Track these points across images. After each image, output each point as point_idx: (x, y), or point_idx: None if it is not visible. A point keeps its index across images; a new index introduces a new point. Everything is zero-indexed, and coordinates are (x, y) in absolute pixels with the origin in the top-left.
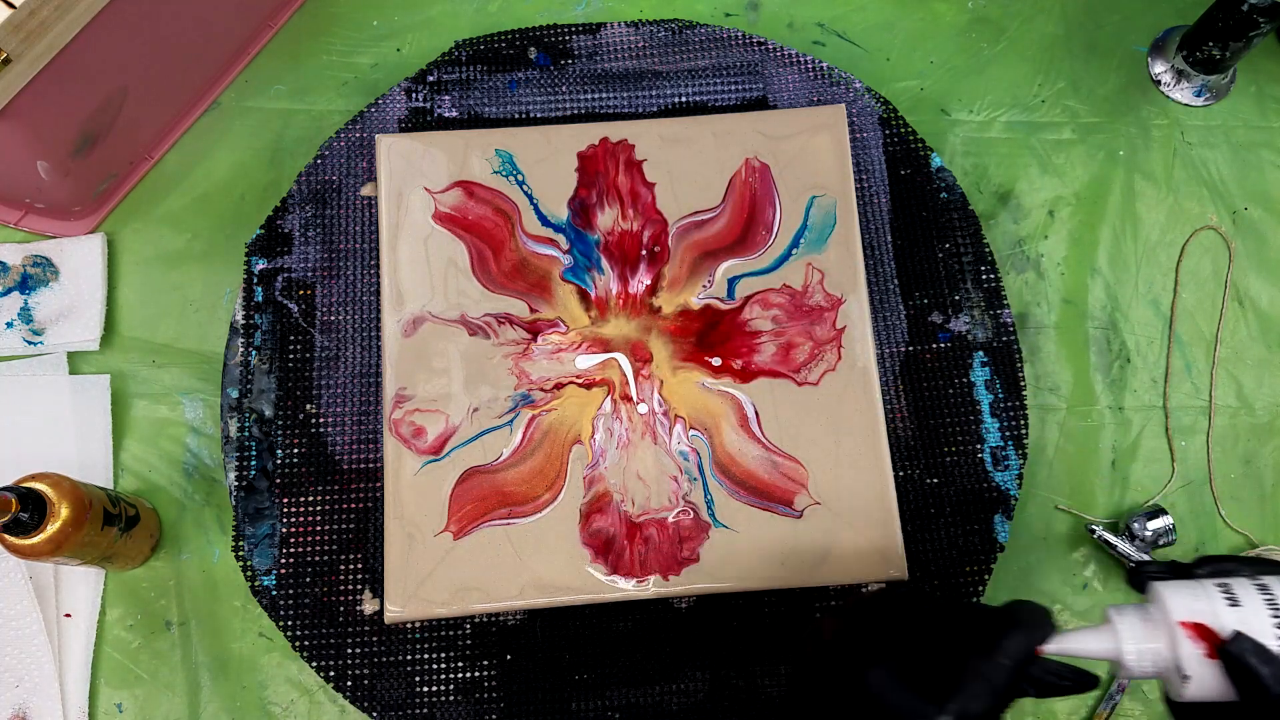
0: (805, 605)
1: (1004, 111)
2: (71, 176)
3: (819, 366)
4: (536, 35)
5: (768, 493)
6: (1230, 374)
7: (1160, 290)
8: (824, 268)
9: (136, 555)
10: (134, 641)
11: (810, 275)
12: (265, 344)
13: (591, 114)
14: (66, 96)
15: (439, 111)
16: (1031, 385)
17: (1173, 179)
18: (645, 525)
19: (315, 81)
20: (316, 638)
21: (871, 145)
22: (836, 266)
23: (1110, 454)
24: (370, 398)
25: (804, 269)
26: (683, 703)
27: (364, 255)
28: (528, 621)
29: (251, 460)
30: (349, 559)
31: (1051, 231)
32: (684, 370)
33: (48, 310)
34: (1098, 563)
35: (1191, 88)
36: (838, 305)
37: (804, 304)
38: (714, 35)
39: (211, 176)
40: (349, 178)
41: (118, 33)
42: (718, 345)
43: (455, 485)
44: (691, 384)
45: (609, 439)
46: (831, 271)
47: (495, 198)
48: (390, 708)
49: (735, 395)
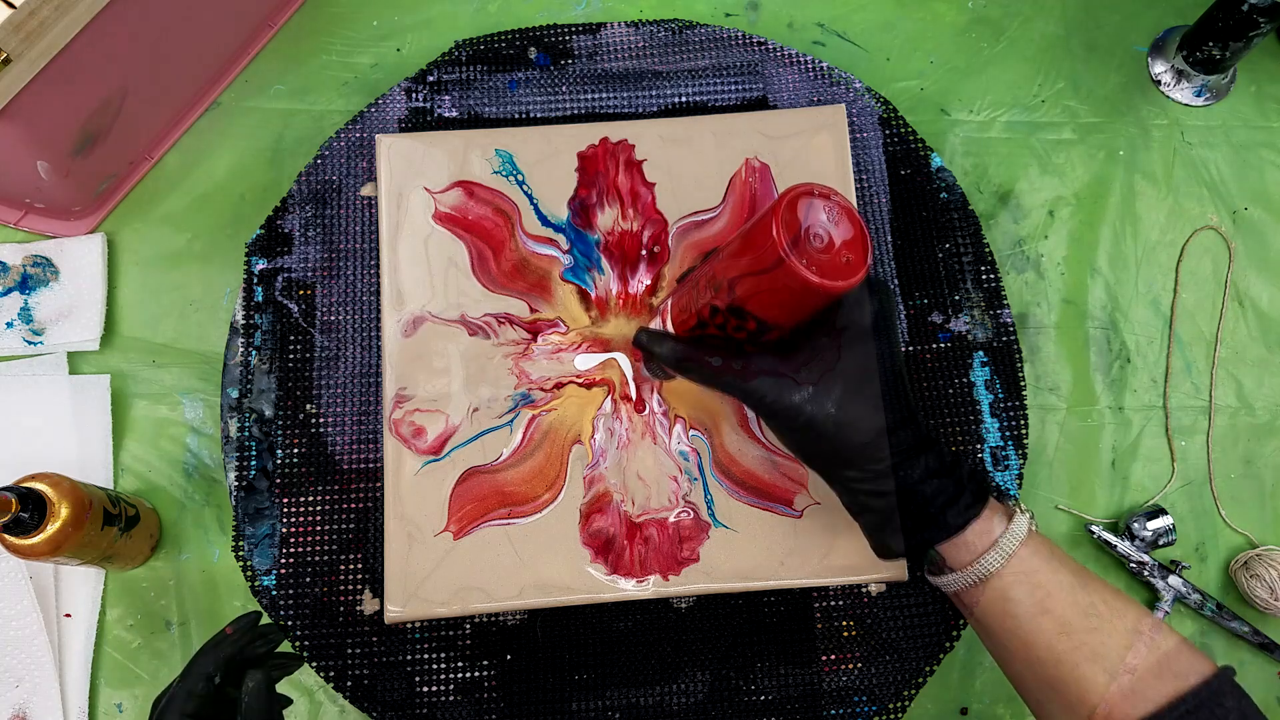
0: (805, 605)
1: (1004, 111)
2: (71, 176)
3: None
4: (536, 35)
5: (768, 492)
6: (1230, 374)
7: (1160, 290)
8: None
9: (136, 555)
10: (134, 641)
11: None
12: (265, 344)
13: (591, 114)
14: (66, 96)
15: (439, 111)
16: (1031, 385)
17: (1173, 179)
18: (645, 525)
19: (315, 81)
20: (316, 638)
21: (871, 145)
22: None
23: (1110, 454)
24: (370, 398)
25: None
26: (683, 703)
27: (364, 255)
28: (528, 621)
29: (251, 460)
30: (349, 559)
31: (1051, 231)
32: None
33: (48, 310)
34: (1097, 563)
35: (1191, 88)
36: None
37: None
38: (714, 35)
39: (211, 176)
40: (349, 178)
41: (118, 33)
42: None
43: (455, 485)
44: (692, 384)
45: (609, 439)
46: None
47: (495, 198)
48: (390, 708)
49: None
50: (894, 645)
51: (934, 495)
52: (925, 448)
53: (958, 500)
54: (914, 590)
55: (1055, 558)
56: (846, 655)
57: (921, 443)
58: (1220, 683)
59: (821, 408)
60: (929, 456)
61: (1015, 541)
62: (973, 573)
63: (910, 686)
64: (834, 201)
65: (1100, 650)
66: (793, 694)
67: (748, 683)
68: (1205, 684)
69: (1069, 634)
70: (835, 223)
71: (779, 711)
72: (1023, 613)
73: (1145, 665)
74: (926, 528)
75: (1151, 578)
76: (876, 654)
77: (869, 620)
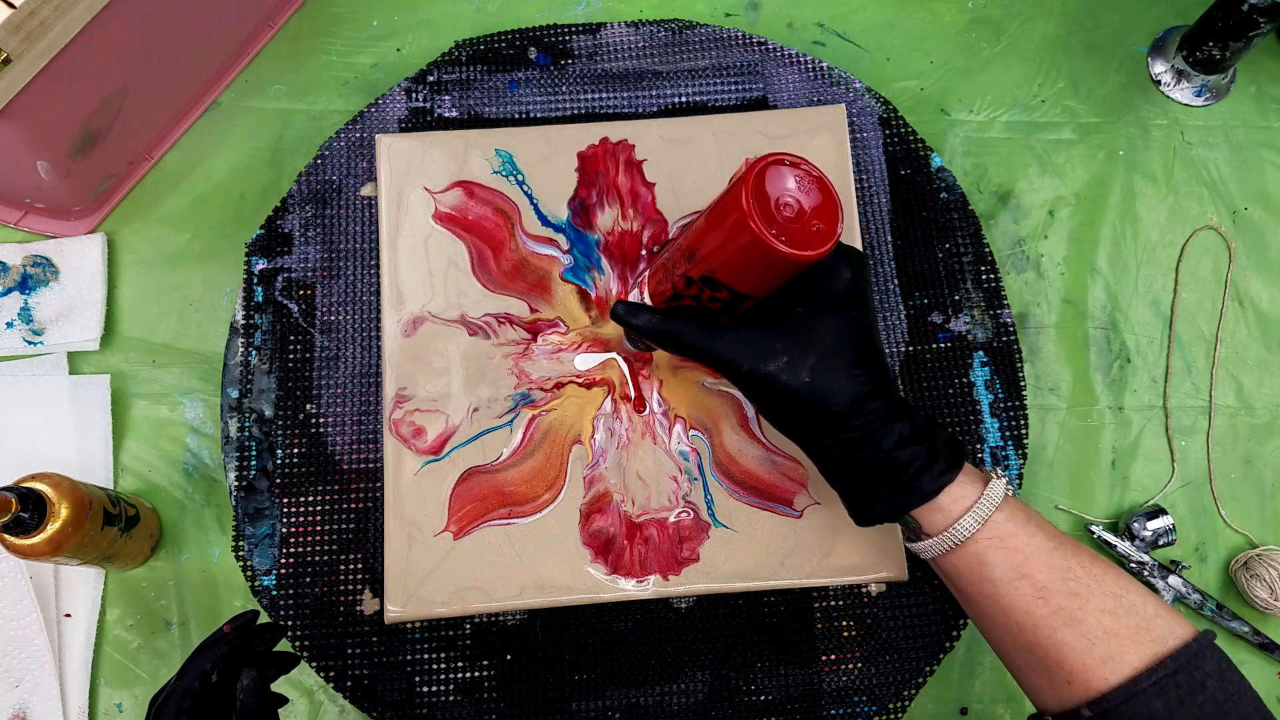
0: (805, 605)
1: (1004, 111)
2: (71, 176)
3: None
4: (536, 35)
5: (768, 492)
6: (1230, 374)
7: (1160, 290)
8: None
9: (136, 555)
10: (134, 641)
11: None
12: (265, 344)
13: (591, 114)
14: (66, 96)
15: (439, 111)
16: (1031, 385)
17: (1173, 179)
18: (645, 525)
19: (315, 81)
20: (316, 638)
21: (871, 145)
22: None
23: (1110, 454)
24: (370, 398)
25: None
26: (683, 703)
27: (364, 255)
28: (528, 621)
29: (251, 460)
30: (349, 559)
31: (1051, 231)
32: (684, 370)
33: (48, 310)
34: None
35: (1191, 88)
36: None
37: None
38: (714, 35)
39: (211, 176)
40: (349, 178)
41: (118, 33)
42: None
43: (455, 485)
44: (691, 384)
45: (609, 439)
46: None
47: (495, 198)
48: (390, 708)
49: (735, 395)
50: (894, 645)
51: (908, 462)
52: (900, 414)
53: (932, 466)
54: (914, 590)
55: (1032, 522)
56: (846, 655)
57: (897, 409)
58: (1199, 646)
59: (796, 376)
60: (903, 424)
61: (991, 507)
62: (948, 538)
63: (910, 686)
64: (804, 170)
65: (1078, 615)
66: (793, 694)
67: (748, 683)
68: (1184, 647)
69: (1046, 598)
70: (805, 191)
71: (779, 711)
72: (999, 577)
73: (1123, 629)
74: (901, 494)
75: (1151, 578)
76: (876, 654)
77: (869, 620)
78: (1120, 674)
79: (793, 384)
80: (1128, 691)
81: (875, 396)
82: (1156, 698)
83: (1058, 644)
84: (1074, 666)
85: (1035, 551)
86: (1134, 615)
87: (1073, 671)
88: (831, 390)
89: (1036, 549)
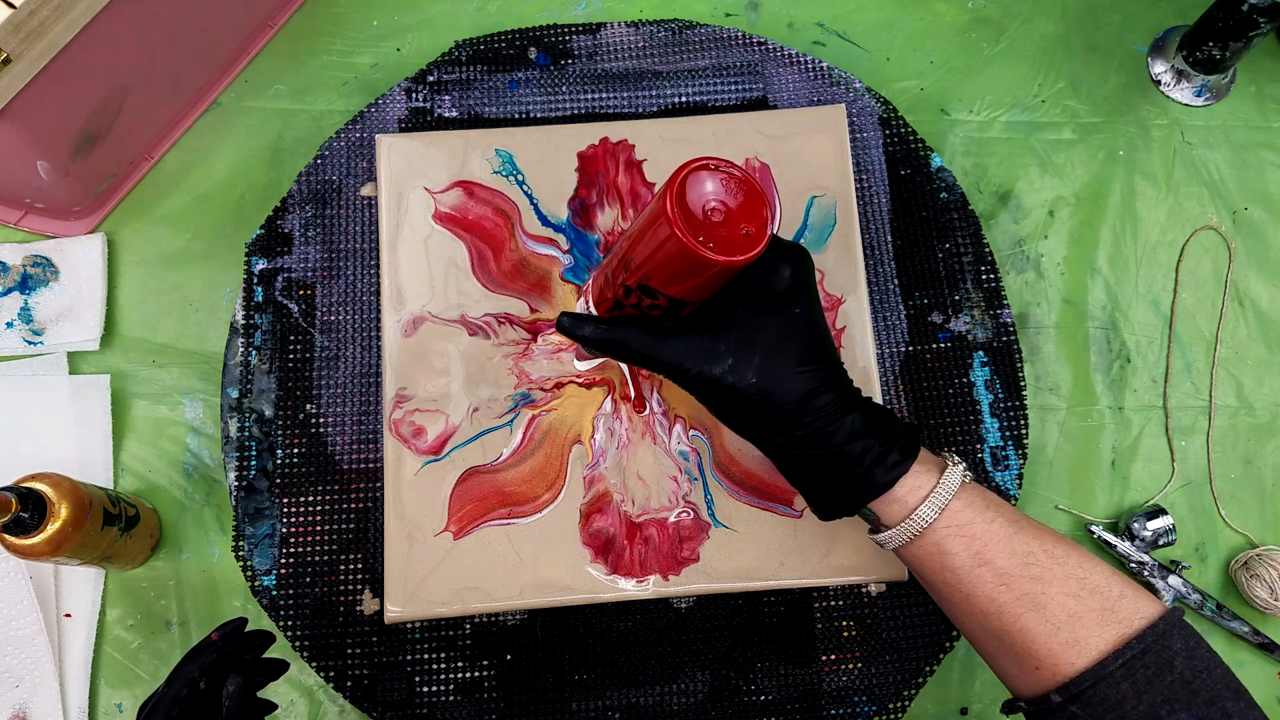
0: (805, 605)
1: (1004, 111)
2: (71, 176)
3: None
4: (536, 35)
5: (768, 492)
6: (1230, 374)
7: (1160, 290)
8: (824, 268)
9: (136, 555)
10: (134, 641)
11: None
12: (265, 344)
13: (591, 114)
14: (66, 96)
15: (439, 111)
16: (1031, 385)
17: (1173, 179)
18: (645, 525)
19: (315, 81)
20: (316, 638)
21: (871, 145)
22: (836, 266)
23: (1110, 454)
24: (370, 398)
25: None
26: (683, 703)
27: (364, 255)
28: (528, 621)
29: (251, 460)
30: (349, 559)
31: (1051, 231)
32: None
33: (48, 310)
34: None
35: (1191, 88)
36: (838, 305)
37: None
38: (714, 35)
39: (211, 176)
40: (349, 178)
41: (118, 33)
42: None
43: (455, 485)
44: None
45: (609, 439)
46: (831, 271)
47: (495, 198)
48: (390, 708)
49: None
50: (894, 645)
51: (861, 455)
52: (851, 407)
53: (885, 458)
54: (914, 590)
55: (991, 508)
56: (846, 655)
57: (848, 403)
58: (1165, 625)
59: (742, 377)
60: (854, 416)
61: (947, 495)
62: (906, 529)
63: (910, 686)
64: (728, 173)
65: (1041, 599)
66: (793, 694)
67: (748, 683)
68: (1151, 627)
69: (1009, 584)
70: (732, 195)
71: (779, 711)
72: (960, 565)
73: (1088, 612)
74: (856, 487)
75: (1151, 578)
76: (876, 654)
77: (869, 620)
78: (1087, 658)
79: (740, 385)
80: (1095, 675)
81: (824, 392)
82: (1125, 680)
83: (1023, 630)
84: (1040, 652)
85: (995, 538)
86: (1098, 596)
87: (1040, 657)
88: (779, 389)
89: (996, 535)
